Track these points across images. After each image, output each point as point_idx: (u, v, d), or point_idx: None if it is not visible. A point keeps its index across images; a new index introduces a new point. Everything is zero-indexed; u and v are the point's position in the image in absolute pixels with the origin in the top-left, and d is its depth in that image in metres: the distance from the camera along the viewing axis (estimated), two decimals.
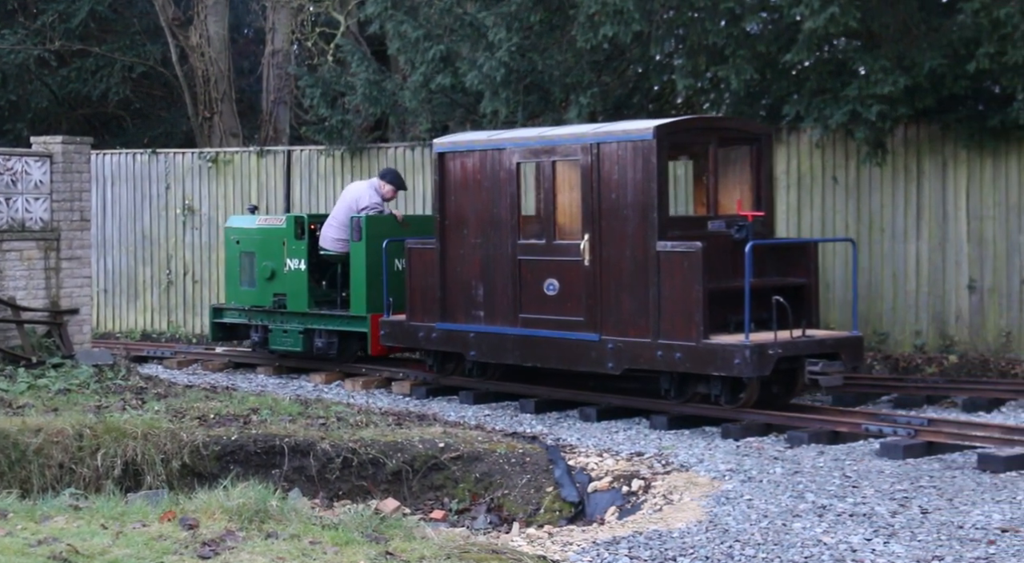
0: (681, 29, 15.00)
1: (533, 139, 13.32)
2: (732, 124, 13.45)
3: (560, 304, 13.02)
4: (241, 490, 7.87)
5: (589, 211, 12.69)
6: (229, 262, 16.83)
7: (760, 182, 12.94)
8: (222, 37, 22.98)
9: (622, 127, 12.64)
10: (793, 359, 11.94)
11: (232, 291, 16.79)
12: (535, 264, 13.24)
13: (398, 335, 14.61)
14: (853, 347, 12.32)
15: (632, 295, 12.38)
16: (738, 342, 11.71)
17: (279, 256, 16.05)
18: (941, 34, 13.82)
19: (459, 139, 14.05)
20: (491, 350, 13.67)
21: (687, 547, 7.93)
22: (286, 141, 22.66)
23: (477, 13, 16.30)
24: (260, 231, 16.38)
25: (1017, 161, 14.45)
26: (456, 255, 13.94)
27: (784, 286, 12.44)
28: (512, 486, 10.30)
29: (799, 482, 9.63)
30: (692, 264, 11.87)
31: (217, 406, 12.10)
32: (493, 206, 13.58)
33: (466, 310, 13.89)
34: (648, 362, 12.29)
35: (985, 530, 8.19)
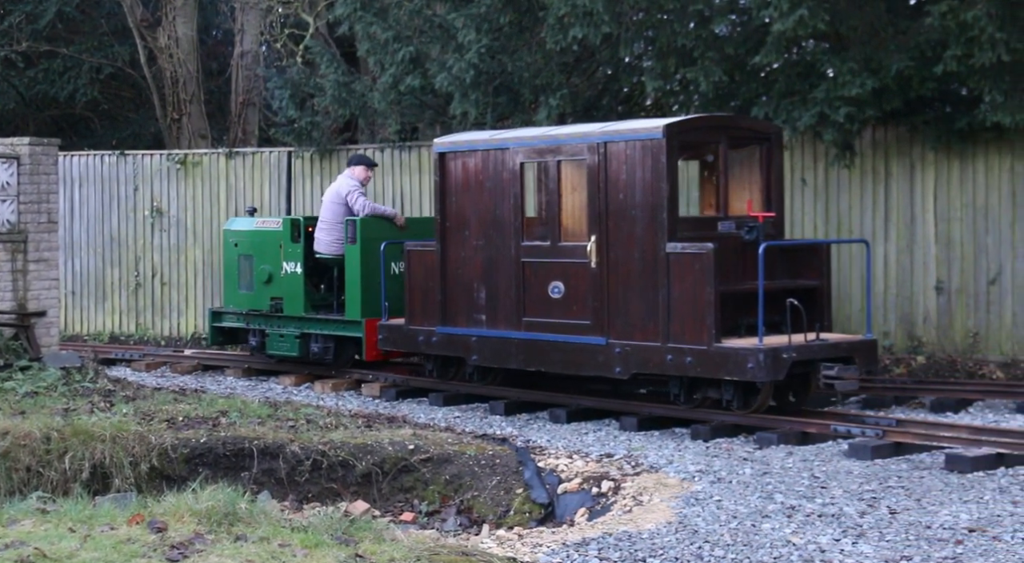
0: (650, 31, 15.03)
1: (537, 139, 13.08)
2: (742, 123, 13.13)
3: (566, 307, 12.76)
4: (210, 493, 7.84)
5: (596, 212, 12.43)
6: (227, 265, 16.59)
7: (770, 182, 12.68)
8: (191, 38, 22.91)
9: (630, 126, 12.40)
10: (807, 363, 11.70)
11: (230, 294, 16.53)
12: (539, 266, 12.99)
13: (397, 339, 14.34)
14: (867, 351, 12.05)
15: (641, 298, 12.14)
16: (751, 346, 11.47)
17: (276, 259, 15.82)
18: (909, 37, 13.88)
19: (460, 139, 13.79)
20: (494, 354, 13.40)
21: (657, 548, 7.94)
22: (255, 142, 22.59)
23: (446, 15, 16.30)
24: (257, 233, 16.12)
25: (984, 163, 14.53)
26: (457, 257, 13.68)
27: (795, 288, 12.21)
28: (482, 488, 10.30)
29: (768, 483, 9.66)
30: (703, 266, 11.63)
31: (186, 408, 12.05)
32: (496, 207, 13.33)
33: (468, 313, 13.62)
34: (657, 366, 12.07)
35: (953, 530, 8.23)
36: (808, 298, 12.12)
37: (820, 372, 11.64)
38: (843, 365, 11.62)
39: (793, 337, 11.59)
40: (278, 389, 15.41)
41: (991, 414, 12.64)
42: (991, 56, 13.00)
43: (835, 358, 11.77)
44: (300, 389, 15.39)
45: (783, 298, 11.90)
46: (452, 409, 13.72)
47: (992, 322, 14.50)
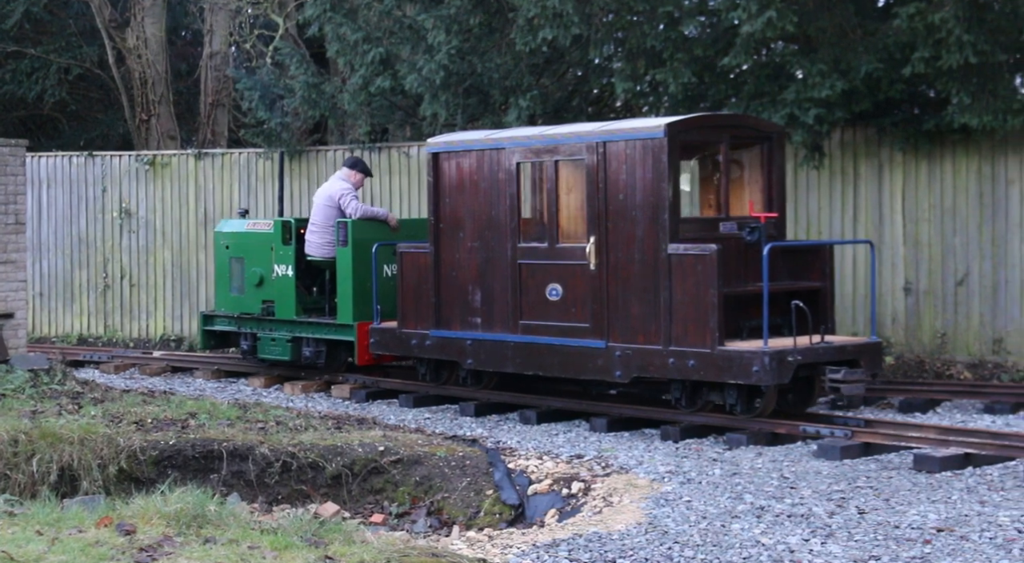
0: (620, 33, 15.05)
1: (534, 138, 12.82)
2: (743, 121, 12.87)
3: (564, 310, 12.52)
4: (179, 495, 7.82)
5: (595, 213, 12.19)
6: (219, 267, 16.32)
7: (772, 182, 12.46)
8: (159, 39, 22.82)
9: (630, 125, 12.18)
10: (811, 366, 11.50)
11: (222, 297, 16.25)
12: (537, 268, 12.75)
13: (389, 343, 14.05)
14: (872, 354, 11.82)
15: (641, 300, 11.90)
16: (756, 349, 11.24)
17: (267, 261, 15.55)
18: (877, 38, 13.95)
19: (454, 138, 13.55)
20: (489, 358, 13.15)
21: (627, 549, 7.95)
22: (224, 144, 22.53)
23: (416, 16, 16.29)
24: (248, 235, 15.85)
25: (952, 164, 14.61)
26: (451, 259, 13.42)
27: (798, 290, 12.00)
28: (452, 489, 10.29)
29: (738, 483, 9.68)
30: (707, 267, 11.41)
31: (155, 410, 12.01)
32: (491, 208, 13.08)
33: (462, 317, 13.35)
34: (659, 370, 11.83)
35: (921, 530, 8.27)
36: (810, 300, 11.93)
37: (826, 375, 11.42)
38: (849, 368, 11.42)
39: (798, 340, 11.40)
40: (248, 391, 15.37)
41: (959, 414, 12.70)
42: (958, 58, 13.07)
43: (840, 361, 11.57)
44: (270, 391, 15.35)
45: (786, 300, 11.74)
46: (422, 410, 13.71)
47: (960, 323, 14.58)
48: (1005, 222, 14.34)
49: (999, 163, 14.39)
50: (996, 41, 13.27)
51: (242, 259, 15.91)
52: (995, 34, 13.29)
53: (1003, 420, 12.37)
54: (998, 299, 14.37)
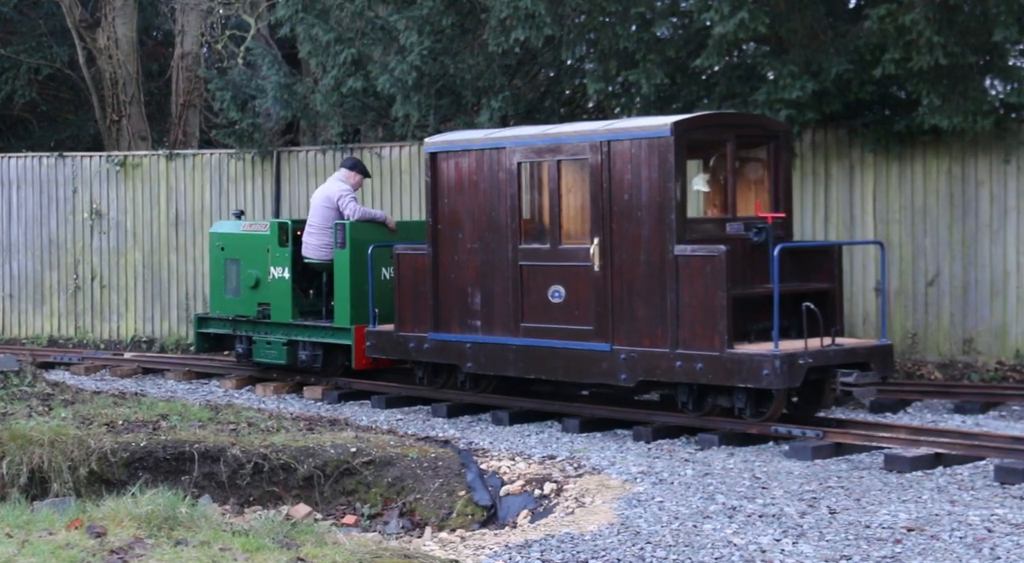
0: (592, 34, 15.06)
1: (536, 138, 12.55)
2: (750, 120, 12.62)
3: (567, 312, 12.25)
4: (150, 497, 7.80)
5: (599, 214, 11.93)
6: (213, 269, 16.02)
7: (778, 182, 12.22)
8: (130, 39, 22.74)
9: (635, 124, 11.94)
10: (821, 369, 11.25)
11: (216, 300, 15.95)
12: (539, 270, 12.48)
13: (386, 346, 13.78)
14: (884, 356, 11.53)
15: (647, 302, 11.64)
16: (767, 351, 10.98)
17: (263, 263, 15.25)
18: (848, 40, 14.00)
19: (453, 138, 13.29)
20: (490, 361, 12.86)
21: (599, 549, 7.96)
22: (196, 144, 22.46)
23: (388, 16, 16.28)
24: (244, 237, 15.53)
25: (922, 165, 14.67)
26: (450, 261, 13.14)
27: (806, 292, 11.70)
28: (424, 490, 10.28)
29: (710, 484, 9.70)
30: (715, 269, 11.14)
31: (125, 412, 11.97)
32: (491, 209, 12.81)
33: (461, 319, 13.08)
34: (665, 374, 11.55)
35: (892, 529, 8.30)
36: (819, 302, 11.58)
37: (837, 378, 11.21)
38: (860, 371, 11.20)
39: (809, 342, 11.16)
40: (219, 392, 15.33)
41: (929, 414, 12.76)
42: (929, 60, 13.13)
43: (851, 364, 11.32)
44: (241, 392, 15.32)
45: (793, 302, 11.51)
46: (394, 411, 13.69)
47: (930, 323, 14.65)
48: (975, 223, 14.41)
49: (969, 164, 14.46)
50: (966, 43, 13.34)
51: (238, 261, 15.61)
52: (965, 36, 13.36)
53: (973, 420, 12.43)
54: (968, 299, 14.44)
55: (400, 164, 18.07)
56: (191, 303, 19.46)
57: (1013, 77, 13.96)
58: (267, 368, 15.50)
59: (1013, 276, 14.27)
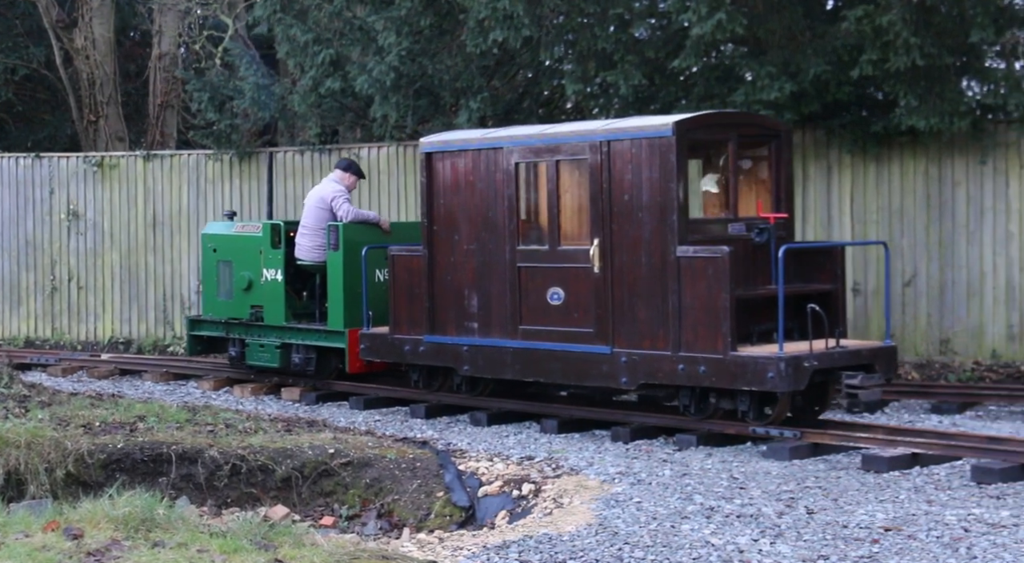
0: (570, 34, 15.08)
1: (534, 137, 12.36)
2: (751, 120, 12.41)
3: (566, 314, 12.07)
4: (127, 499, 7.77)
5: (599, 214, 11.77)
6: (206, 272, 15.81)
7: (780, 182, 12.05)
8: (108, 40, 22.67)
9: (636, 123, 11.76)
10: (826, 372, 11.11)
11: (209, 302, 15.68)
12: (537, 271, 12.30)
13: (381, 349, 13.57)
14: (888, 358, 11.43)
15: (648, 304, 11.48)
16: (771, 354, 10.81)
17: (256, 265, 15.01)
18: (825, 41, 14.04)
19: (449, 138, 13.08)
20: (487, 364, 12.68)
21: (577, 550, 7.96)
22: (173, 145, 22.41)
23: (367, 17, 16.27)
24: (236, 238, 15.30)
25: (899, 166, 14.72)
26: (446, 262, 12.94)
27: (808, 293, 11.55)
28: (403, 491, 10.27)
29: (687, 484, 9.71)
30: (718, 270, 10.99)
31: (103, 414, 11.92)
32: (488, 210, 12.61)
33: (458, 322, 12.88)
34: (667, 376, 11.39)
35: (869, 529, 8.32)
36: (821, 303, 11.44)
37: (842, 381, 11.05)
38: (866, 374, 11.08)
39: (813, 344, 10.98)
40: (197, 393, 15.29)
41: (906, 414, 12.80)
42: (906, 61, 13.18)
43: (855, 366, 11.19)
44: (219, 393, 15.28)
45: (795, 303, 11.36)
46: (373, 412, 13.68)
47: (907, 324, 14.69)
48: (952, 223, 14.47)
49: (946, 165, 14.52)
50: (943, 44, 13.39)
51: (230, 263, 15.39)
52: (941, 37, 13.41)
53: (950, 420, 12.48)
54: (945, 300, 14.50)
55: (379, 165, 18.05)
56: (169, 304, 19.42)
57: (989, 78, 14.02)
58: (261, 371, 15.29)
59: (989, 277, 14.32)
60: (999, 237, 14.25)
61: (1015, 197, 14.19)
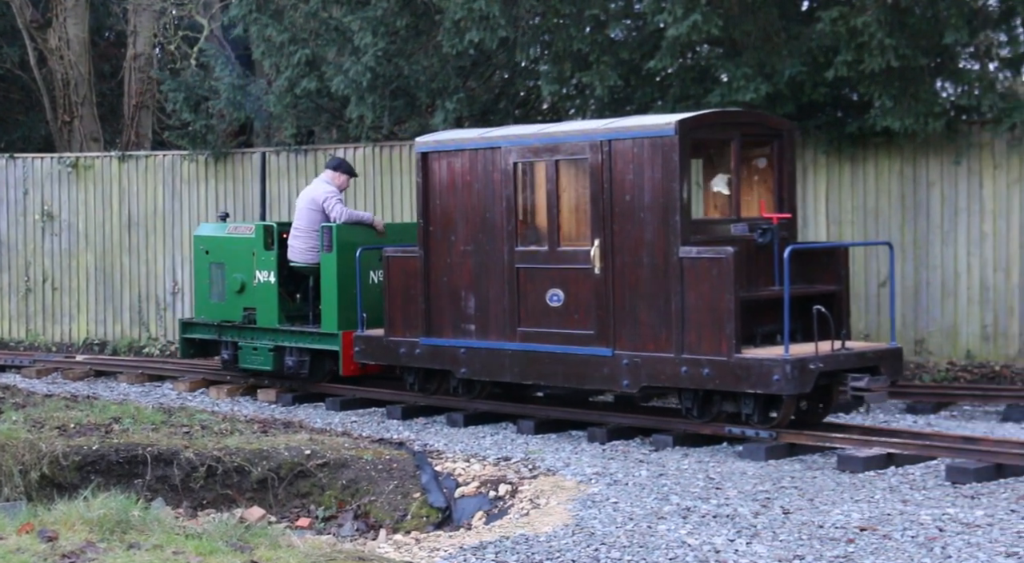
0: (546, 35, 15.09)
1: (533, 137, 12.16)
2: (754, 118, 12.16)
3: (566, 316, 11.88)
4: (102, 500, 7.75)
5: (599, 215, 11.58)
6: (198, 274, 15.58)
7: (783, 182, 11.89)
8: (82, 40, 22.58)
9: (637, 122, 11.59)
10: (831, 374, 10.94)
11: (201, 305, 15.46)
12: (536, 273, 12.11)
13: (376, 352, 13.38)
14: (893, 360, 11.28)
15: (651, 306, 11.30)
16: (777, 356, 10.68)
17: (249, 267, 14.80)
18: (801, 42, 14.08)
19: (445, 137, 12.91)
20: (485, 367, 12.48)
21: (554, 551, 7.97)
22: (148, 146, 22.34)
23: (343, 17, 16.24)
24: (229, 240, 15.08)
25: (874, 167, 14.77)
26: (443, 264, 12.75)
27: (812, 294, 11.37)
28: (379, 493, 10.27)
29: (664, 484, 9.73)
30: (722, 271, 10.81)
31: (78, 415, 11.89)
32: (486, 210, 12.41)
33: (455, 324, 12.69)
34: (670, 379, 11.22)
35: (845, 529, 8.35)
36: (825, 305, 11.25)
37: (848, 383, 10.90)
38: (871, 376, 10.91)
39: (820, 346, 10.81)
40: (172, 395, 15.25)
41: (881, 415, 12.84)
42: (880, 62, 13.23)
43: (861, 368, 11.03)
44: (195, 394, 15.24)
45: (798, 305, 11.16)
46: (349, 413, 13.66)
47: (883, 324, 14.73)
48: (927, 224, 14.52)
49: (920, 165, 14.57)
50: (917, 45, 13.44)
51: (222, 265, 15.18)
52: (916, 38, 13.46)
53: (924, 420, 12.52)
54: (920, 300, 14.55)
55: (355, 166, 17.99)
56: (144, 305, 19.36)
57: (963, 79, 14.09)
58: (254, 375, 15.11)
59: (964, 277, 14.38)
60: (973, 237, 14.31)
61: (989, 197, 14.26)
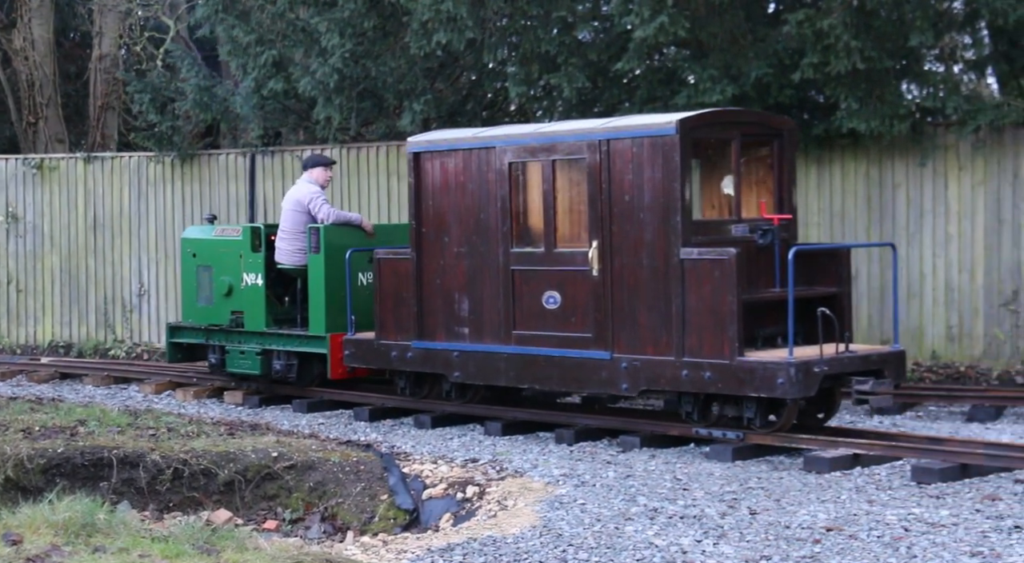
0: (514, 37, 15.10)
1: (528, 136, 11.98)
2: (754, 118, 11.97)
3: (563, 319, 11.71)
4: (67, 504, 7.71)
5: (597, 216, 11.40)
6: (185, 277, 15.37)
7: (783, 182, 11.73)
8: (47, 41, 22.47)
9: (637, 121, 11.41)
10: (835, 377, 10.79)
11: (189, 308, 15.21)
12: (532, 274, 11.92)
13: (366, 355, 13.18)
14: (897, 363, 11.12)
15: (650, 308, 11.13)
16: (781, 359, 10.49)
17: (236, 270, 14.59)
18: (767, 44, 14.13)
19: (438, 137, 12.71)
20: (479, 371, 12.30)
21: (521, 552, 7.97)
22: (114, 147, 22.24)
23: (310, 19, 16.21)
24: (216, 243, 14.86)
25: (840, 168, 14.83)
26: (435, 266, 12.56)
27: (813, 296, 11.25)
28: (346, 495, 10.25)
29: (631, 486, 9.74)
30: (725, 273, 10.64)
31: (42, 418, 11.83)
32: (480, 211, 12.23)
33: (448, 327, 12.51)
34: (671, 382, 11.03)
35: (811, 529, 8.37)
36: (827, 307, 11.11)
37: (852, 386, 10.75)
38: (876, 379, 10.77)
39: (824, 349, 10.66)
40: (139, 397, 15.19)
41: (848, 415, 12.89)
42: (847, 64, 13.29)
43: (865, 371, 10.91)
44: (161, 397, 15.18)
45: (801, 307, 11.01)
46: (316, 415, 13.63)
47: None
48: (892, 225, 14.59)
49: (886, 167, 14.64)
50: (883, 47, 13.51)
51: (210, 268, 14.97)
52: (882, 40, 13.53)
53: (890, 420, 12.58)
54: (886, 301, 14.61)
55: None
56: (110, 307, 19.26)
57: (928, 82, 14.17)
58: (242, 379, 14.93)
59: (929, 278, 14.45)
60: (938, 239, 14.39)
61: (954, 199, 14.34)
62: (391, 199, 17.28)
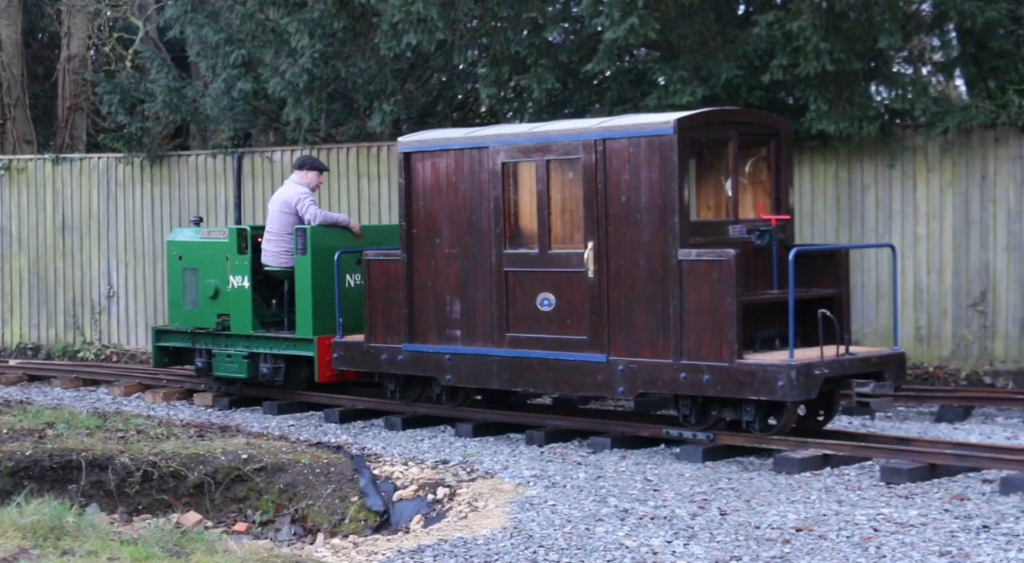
0: (484, 38, 15.10)
1: (522, 136, 11.81)
2: (751, 117, 11.84)
3: (558, 321, 11.56)
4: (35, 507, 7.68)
5: (593, 216, 11.25)
6: (171, 280, 15.16)
7: (780, 183, 11.63)
8: (15, 41, 22.36)
9: (634, 121, 11.27)
10: (835, 380, 10.63)
11: (175, 312, 15.03)
12: (526, 276, 11.75)
13: (356, 358, 12.99)
14: (897, 365, 11.01)
15: (647, 310, 10.98)
16: (781, 361, 10.35)
17: (222, 272, 14.41)
18: (737, 46, 14.17)
19: (429, 137, 12.55)
20: (472, 374, 12.14)
21: (492, 554, 7.97)
22: (83, 148, 22.14)
23: (280, 19, 16.18)
24: (202, 245, 14.68)
25: (810, 170, 14.88)
26: (427, 267, 12.40)
27: (811, 298, 11.13)
28: (317, 496, 10.23)
29: (602, 487, 9.75)
30: (723, 274, 10.50)
31: (10, 420, 11.77)
32: (472, 212, 12.07)
33: (439, 329, 12.34)
34: (668, 386, 10.88)
35: (781, 529, 8.40)
36: (825, 308, 10.99)
37: (852, 388, 10.60)
38: (876, 381, 10.67)
39: (824, 351, 10.54)
40: (108, 399, 15.13)
41: None
42: (816, 66, 13.34)
43: (865, 373, 10.80)
44: (130, 399, 15.13)
45: (799, 309, 10.86)
46: (287, 417, 13.60)
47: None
48: (861, 226, 14.65)
49: (855, 169, 14.69)
50: (852, 49, 13.56)
51: (196, 270, 14.80)
52: (851, 42, 13.58)
53: (860, 421, 12.62)
54: (855, 302, 14.65)
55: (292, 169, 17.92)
56: (78, 309, 19.18)
57: (897, 83, 14.23)
58: (229, 383, 14.75)
59: (898, 279, 14.50)
60: (907, 240, 14.45)
61: (923, 200, 14.40)
62: (361, 200, 17.26)
